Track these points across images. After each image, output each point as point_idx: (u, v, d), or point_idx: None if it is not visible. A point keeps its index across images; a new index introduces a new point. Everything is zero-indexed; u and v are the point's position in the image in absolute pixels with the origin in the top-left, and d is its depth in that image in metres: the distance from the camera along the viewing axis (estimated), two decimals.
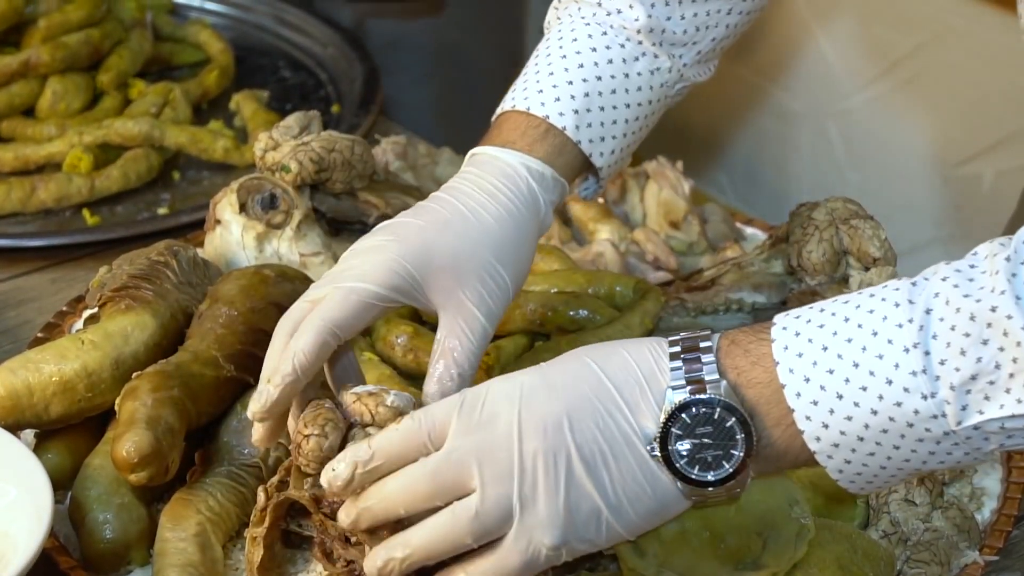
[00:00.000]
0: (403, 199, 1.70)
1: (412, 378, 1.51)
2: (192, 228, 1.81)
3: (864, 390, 1.10)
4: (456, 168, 1.48)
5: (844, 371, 1.10)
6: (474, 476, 1.12)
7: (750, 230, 1.84)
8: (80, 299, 1.66)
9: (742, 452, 1.12)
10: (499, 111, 1.45)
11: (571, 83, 1.43)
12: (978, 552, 1.34)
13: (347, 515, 1.16)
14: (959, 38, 2.30)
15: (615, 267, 1.70)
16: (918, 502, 1.36)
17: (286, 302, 1.32)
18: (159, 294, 1.49)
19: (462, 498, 1.12)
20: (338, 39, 2.30)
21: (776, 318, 1.16)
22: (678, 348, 1.15)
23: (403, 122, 2.20)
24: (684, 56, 1.49)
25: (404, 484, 1.14)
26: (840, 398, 1.10)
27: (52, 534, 1.33)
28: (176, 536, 1.30)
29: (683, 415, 1.12)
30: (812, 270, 1.56)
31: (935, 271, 1.12)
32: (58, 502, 1.37)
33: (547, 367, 1.17)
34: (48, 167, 1.97)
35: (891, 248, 1.55)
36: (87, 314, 1.60)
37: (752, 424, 1.12)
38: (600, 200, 1.84)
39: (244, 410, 1.41)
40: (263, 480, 1.35)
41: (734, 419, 1.12)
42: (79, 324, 1.63)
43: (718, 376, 1.13)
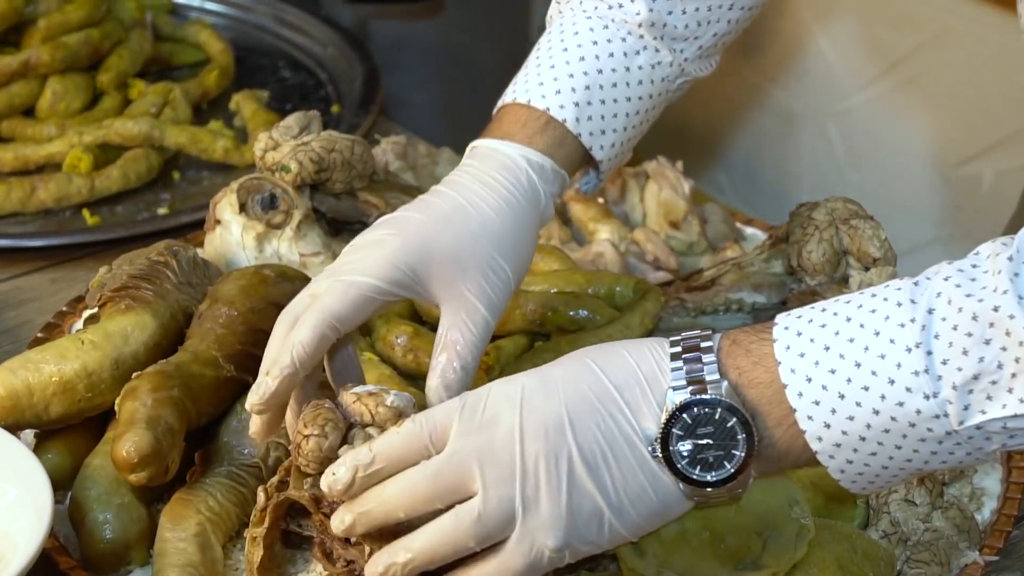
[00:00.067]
0: (403, 199, 1.70)
1: (412, 378, 1.51)
2: (192, 228, 1.81)
3: (866, 390, 1.09)
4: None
5: (846, 371, 1.10)
6: (476, 478, 1.11)
7: (750, 230, 1.84)
8: (80, 299, 1.66)
9: (743, 453, 1.12)
10: (500, 104, 1.45)
11: (572, 76, 1.43)
12: (978, 552, 1.34)
13: (341, 521, 1.15)
14: (959, 38, 2.30)
15: (615, 267, 1.70)
16: (918, 502, 1.36)
17: (286, 302, 1.31)
18: (159, 294, 1.49)
19: (464, 501, 1.12)
20: (338, 39, 2.30)
21: (778, 318, 1.15)
22: (679, 348, 1.14)
23: (406, 122, 2.20)
24: (685, 51, 1.49)
25: (404, 487, 1.13)
26: (842, 398, 1.10)
27: (52, 534, 1.33)
28: (176, 536, 1.30)
29: (684, 416, 1.12)
30: (812, 270, 1.56)
31: (937, 271, 1.11)
32: (58, 502, 1.37)
33: (548, 368, 1.16)
34: (48, 167, 1.97)
35: (891, 248, 1.55)
36: (87, 314, 1.60)
37: (753, 424, 1.12)
38: (600, 200, 1.84)
39: (244, 410, 1.41)
40: (263, 480, 1.35)
41: (735, 419, 1.12)
42: (79, 324, 1.62)
43: (719, 376, 1.13)
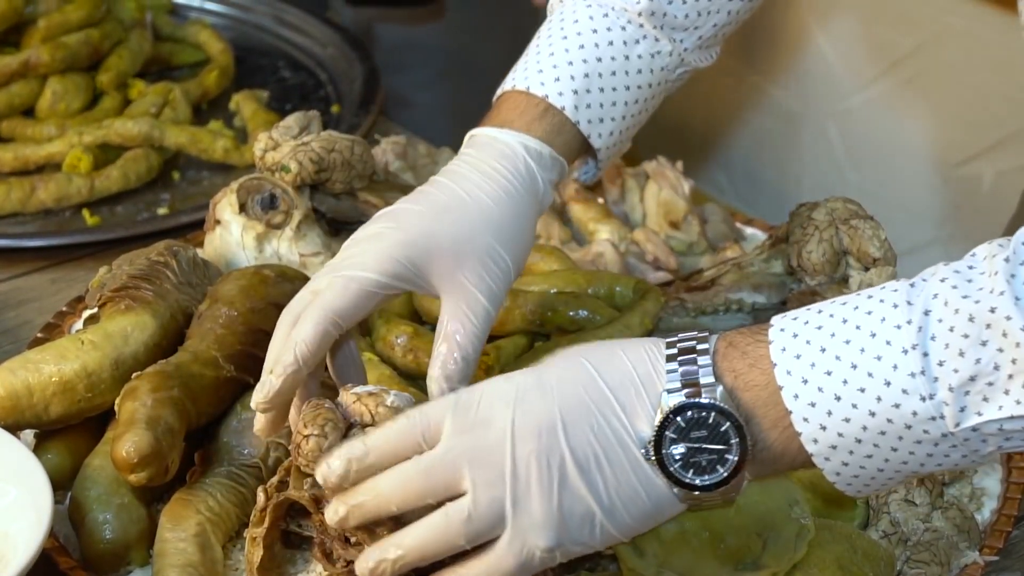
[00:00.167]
0: None
1: (412, 378, 1.51)
2: (192, 228, 1.81)
3: (862, 391, 1.09)
4: None
5: (842, 372, 1.10)
6: (466, 478, 1.11)
7: (750, 230, 1.84)
8: (80, 299, 1.66)
9: (736, 457, 1.12)
10: (499, 91, 1.45)
11: (571, 64, 1.43)
12: (978, 552, 1.34)
13: (335, 513, 1.15)
14: (959, 38, 2.30)
15: (615, 267, 1.69)
16: (918, 502, 1.36)
17: (286, 302, 1.31)
18: (159, 294, 1.49)
19: (455, 499, 1.12)
20: (338, 39, 2.30)
21: (773, 319, 1.15)
22: (675, 350, 1.14)
23: (409, 123, 2.20)
24: (685, 41, 1.49)
25: (398, 481, 1.13)
26: (838, 399, 1.10)
27: (52, 534, 1.33)
28: (176, 536, 1.30)
29: (678, 419, 1.12)
30: (812, 270, 1.56)
31: (934, 272, 1.11)
32: (58, 502, 1.37)
33: (543, 368, 1.16)
34: (48, 167, 1.97)
35: (891, 248, 1.55)
36: (87, 314, 1.60)
37: (747, 429, 1.12)
38: (600, 200, 1.84)
39: (244, 410, 1.41)
40: (263, 480, 1.35)
41: (729, 424, 1.11)
42: (79, 324, 1.63)
43: (714, 380, 1.12)
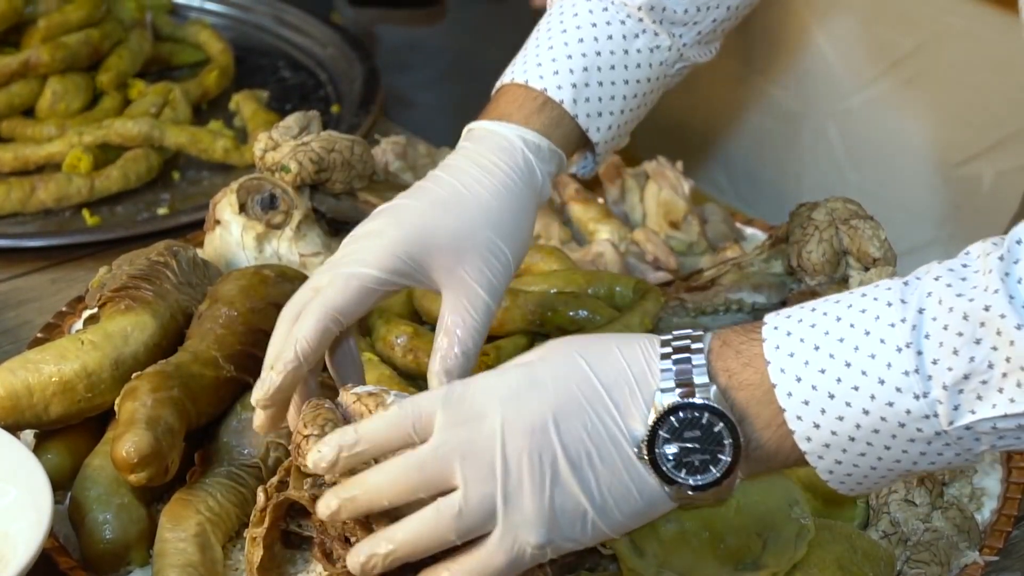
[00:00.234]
0: None
1: (412, 378, 1.51)
2: (192, 228, 1.81)
3: (856, 390, 1.09)
4: None
5: (836, 371, 1.10)
6: (457, 474, 1.11)
7: (750, 230, 1.84)
8: (80, 299, 1.66)
9: (729, 458, 1.11)
10: (498, 85, 1.46)
11: (570, 57, 1.43)
12: (978, 552, 1.34)
13: (327, 506, 1.15)
14: (959, 38, 2.30)
15: (615, 267, 1.69)
16: (918, 502, 1.36)
17: (285, 302, 1.31)
18: (159, 294, 1.49)
19: (447, 493, 1.12)
20: (338, 39, 2.30)
21: (767, 317, 1.15)
22: (669, 349, 1.14)
23: (412, 123, 2.20)
24: (684, 36, 1.49)
25: (389, 475, 1.13)
26: (832, 398, 1.10)
27: (52, 534, 1.33)
28: (176, 536, 1.30)
29: (671, 418, 1.11)
30: (812, 270, 1.56)
31: (927, 270, 1.11)
32: (58, 502, 1.37)
33: (537, 363, 1.15)
34: (48, 167, 1.97)
35: (891, 248, 1.55)
36: (87, 314, 1.60)
37: (741, 429, 1.11)
38: (600, 200, 1.84)
39: (244, 410, 1.41)
40: (263, 480, 1.35)
41: (722, 424, 1.11)
42: (79, 324, 1.62)
43: (708, 379, 1.12)
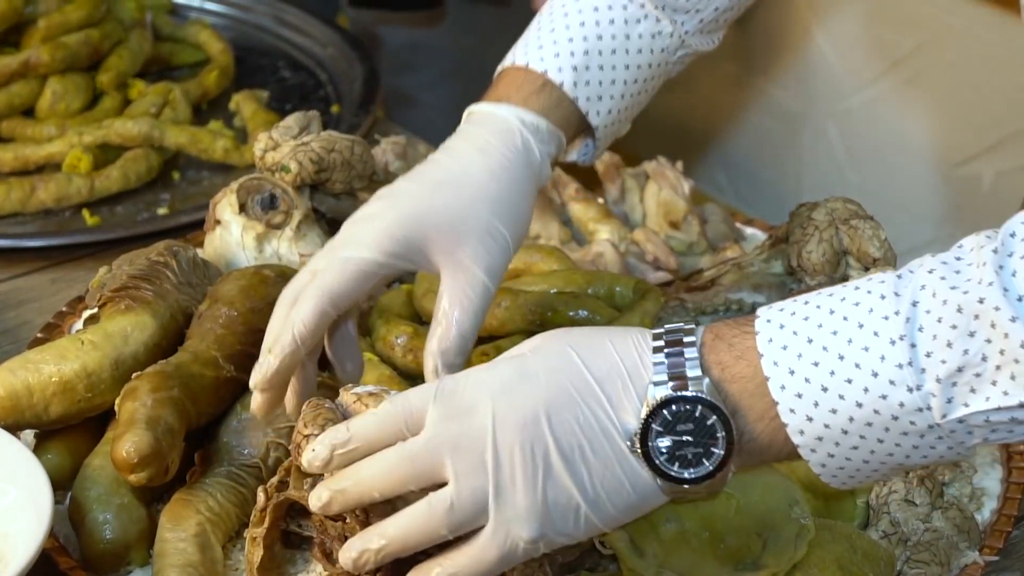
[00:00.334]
0: None
1: (412, 378, 1.51)
2: (192, 228, 1.81)
3: (849, 383, 1.09)
4: None
5: (829, 364, 1.09)
6: (448, 468, 1.11)
7: (750, 230, 1.84)
8: (80, 299, 1.66)
9: (722, 451, 1.11)
10: (499, 68, 1.46)
11: (571, 40, 1.44)
12: (978, 552, 1.34)
13: (318, 498, 1.15)
14: (959, 38, 2.30)
15: (615, 267, 1.69)
16: (918, 502, 1.36)
17: None
18: (159, 294, 1.49)
19: (438, 488, 1.12)
20: (338, 39, 2.30)
21: (760, 311, 1.15)
22: (662, 342, 1.14)
23: (414, 123, 2.20)
24: (686, 23, 1.50)
25: (381, 468, 1.13)
26: (825, 391, 1.09)
27: (52, 534, 1.33)
28: (176, 536, 1.30)
29: (664, 411, 1.11)
30: (812, 270, 1.56)
31: (921, 263, 1.11)
32: (58, 502, 1.37)
33: (528, 356, 1.15)
34: (48, 167, 1.97)
35: (891, 248, 1.55)
36: (87, 314, 1.60)
37: (734, 422, 1.11)
38: (600, 200, 1.84)
39: (244, 410, 1.41)
40: (263, 480, 1.35)
41: (715, 417, 1.11)
42: (79, 324, 1.62)
43: (700, 372, 1.12)
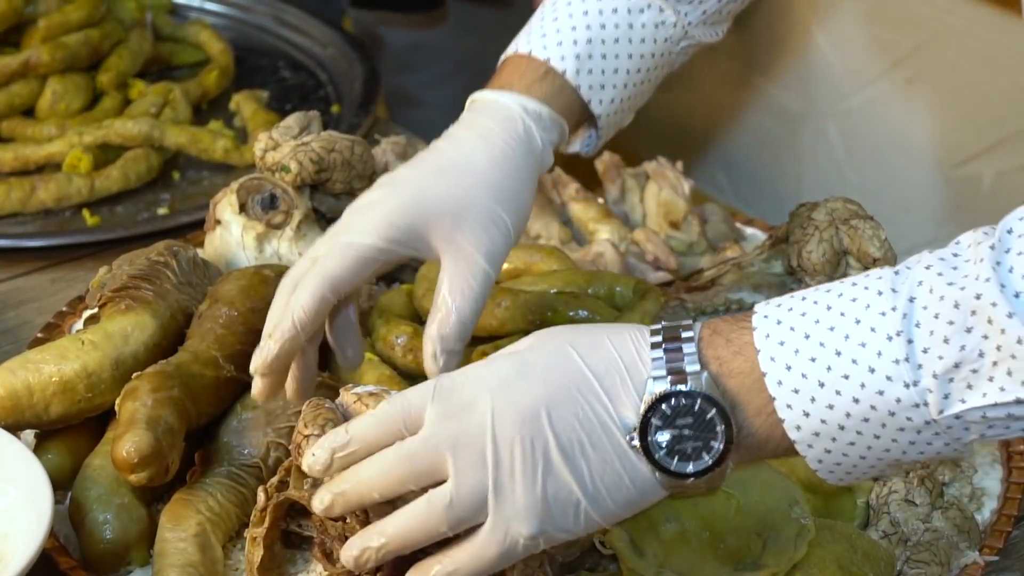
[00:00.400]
0: None
1: (412, 378, 1.51)
2: (192, 228, 1.81)
3: (846, 378, 1.09)
4: None
5: (826, 359, 1.09)
6: (448, 464, 1.11)
7: (750, 230, 1.84)
8: (80, 299, 1.66)
9: (722, 444, 1.11)
10: (503, 57, 1.47)
11: (574, 29, 1.44)
12: (978, 552, 1.34)
13: (320, 501, 1.16)
14: (959, 38, 2.30)
15: (615, 267, 1.69)
16: (918, 502, 1.36)
17: None
18: (159, 294, 1.49)
19: (438, 485, 1.12)
20: (338, 39, 2.30)
21: (757, 306, 1.15)
22: (660, 338, 1.14)
23: (416, 123, 2.20)
24: (690, 14, 1.50)
25: (380, 468, 1.13)
26: (821, 386, 1.09)
27: (52, 534, 1.33)
28: (176, 536, 1.30)
29: (663, 406, 1.11)
30: (812, 270, 1.56)
31: (918, 259, 1.11)
32: (58, 502, 1.37)
33: (527, 352, 1.15)
34: (48, 167, 1.97)
35: (891, 248, 1.55)
36: (87, 314, 1.60)
37: (732, 416, 1.11)
38: (600, 200, 1.84)
39: (244, 410, 1.41)
40: (263, 480, 1.35)
41: (714, 411, 1.11)
42: (79, 324, 1.63)
43: (699, 367, 1.12)
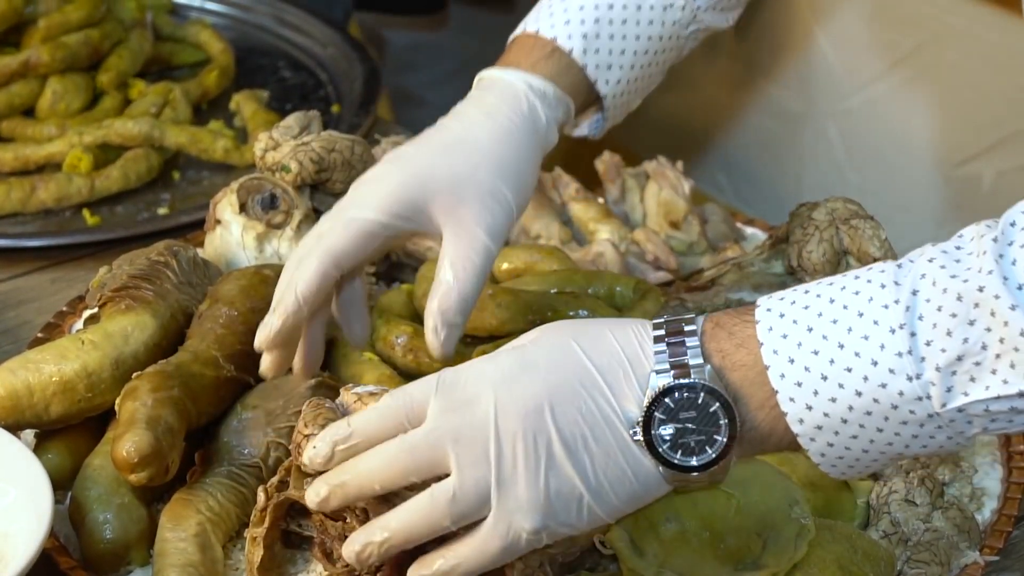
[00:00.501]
0: None
1: (412, 378, 1.50)
2: (192, 228, 1.81)
3: (849, 371, 1.09)
4: None
5: (829, 352, 1.09)
6: (451, 458, 1.11)
7: (750, 230, 1.84)
8: (80, 299, 1.66)
9: (725, 438, 1.11)
10: (511, 37, 1.48)
11: (582, 8, 1.46)
12: (978, 552, 1.34)
13: (316, 493, 1.15)
14: (959, 38, 2.30)
15: (615, 267, 1.69)
16: (918, 502, 1.36)
17: None
18: (159, 294, 1.49)
19: (440, 479, 1.12)
20: (338, 39, 2.30)
21: (760, 300, 1.15)
22: (662, 331, 1.14)
23: (418, 123, 2.19)
24: None
25: (381, 460, 1.13)
26: (824, 379, 1.09)
27: (52, 534, 1.33)
28: (176, 536, 1.30)
29: (666, 399, 1.11)
30: (812, 270, 1.56)
31: (921, 252, 1.11)
32: (58, 502, 1.37)
33: (530, 346, 1.15)
34: (48, 167, 1.97)
35: (891, 248, 1.55)
36: (87, 314, 1.60)
37: (736, 409, 1.11)
38: (600, 200, 1.84)
39: (244, 410, 1.41)
40: (263, 480, 1.35)
41: (718, 404, 1.11)
42: (79, 324, 1.63)
43: (702, 360, 1.12)
